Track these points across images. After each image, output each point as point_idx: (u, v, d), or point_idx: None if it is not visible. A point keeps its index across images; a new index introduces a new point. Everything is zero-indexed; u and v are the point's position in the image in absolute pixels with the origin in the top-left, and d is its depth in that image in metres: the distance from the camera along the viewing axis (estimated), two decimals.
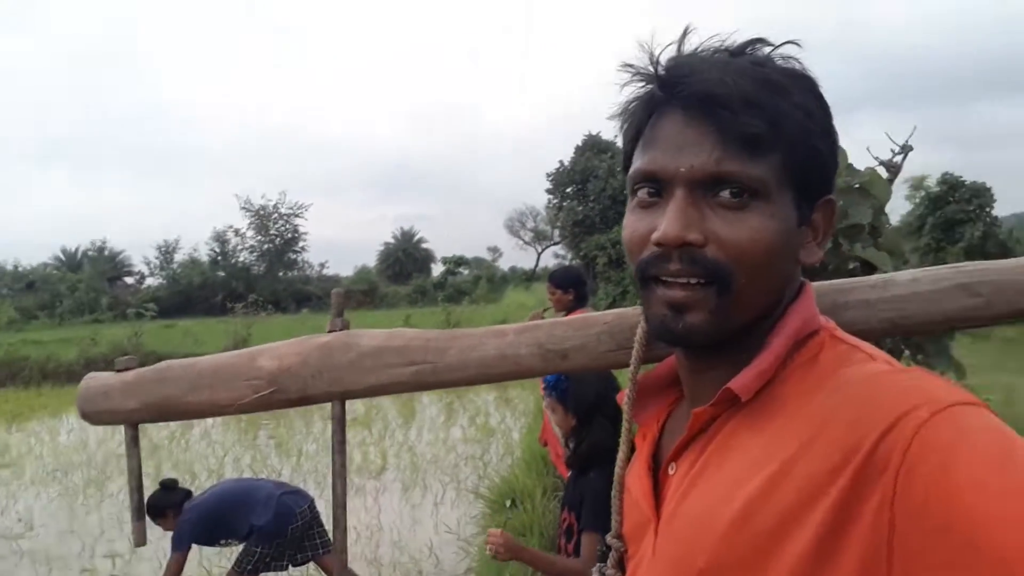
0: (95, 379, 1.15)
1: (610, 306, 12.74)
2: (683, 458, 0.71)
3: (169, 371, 1.09)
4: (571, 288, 4.38)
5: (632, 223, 0.69)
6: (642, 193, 0.68)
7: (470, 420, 9.38)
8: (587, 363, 0.91)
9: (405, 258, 51.26)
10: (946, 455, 0.52)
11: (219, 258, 39.52)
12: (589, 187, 21.55)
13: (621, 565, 0.83)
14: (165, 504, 4.08)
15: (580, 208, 21.51)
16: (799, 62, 0.67)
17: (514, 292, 33.24)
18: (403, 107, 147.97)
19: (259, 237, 39.85)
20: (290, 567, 4.20)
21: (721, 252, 0.63)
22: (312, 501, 4.22)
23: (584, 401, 2.41)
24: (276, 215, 39.96)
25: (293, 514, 3.99)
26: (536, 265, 52.17)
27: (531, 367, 0.95)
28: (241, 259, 39.82)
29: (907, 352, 2.90)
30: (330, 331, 1.06)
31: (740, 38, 0.68)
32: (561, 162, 23.76)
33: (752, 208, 0.63)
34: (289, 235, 40.35)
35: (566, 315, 4.47)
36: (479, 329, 1.00)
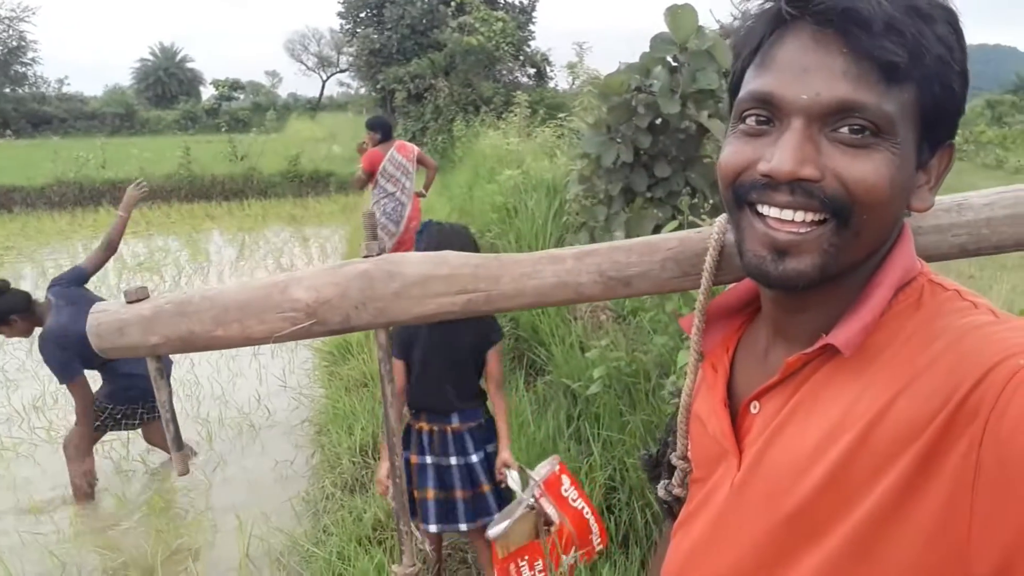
0: (105, 314, 1.04)
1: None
2: (768, 398, 0.70)
3: (189, 305, 1.00)
4: (379, 129, 5.87)
5: (734, 150, 0.64)
6: (750, 120, 0.63)
7: (272, 260, 8.90)
8: (650, 289, 0.90)
9: (168, 79, 45.25)
10: None
11: None
12: (385, 13, 19.98)
13: (684, 484, 0.86)
14: (5, 309, 3.40)
15: (376, 36, 20.02)
16: None
17: (298, 121, 30.77)
18: None
19: None
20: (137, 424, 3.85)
21: (841, 188, 0.59)
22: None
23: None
24: None
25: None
26: (321, 94, 48.70)
27: (592, 295, 0.91)
28: None
29: None
30: (366, 256, 0.96)
31: None
32: None
33: (873, 147, 0.59)
34: (13, 43, 33.42)
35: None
36: (530, 255, 0.94)
